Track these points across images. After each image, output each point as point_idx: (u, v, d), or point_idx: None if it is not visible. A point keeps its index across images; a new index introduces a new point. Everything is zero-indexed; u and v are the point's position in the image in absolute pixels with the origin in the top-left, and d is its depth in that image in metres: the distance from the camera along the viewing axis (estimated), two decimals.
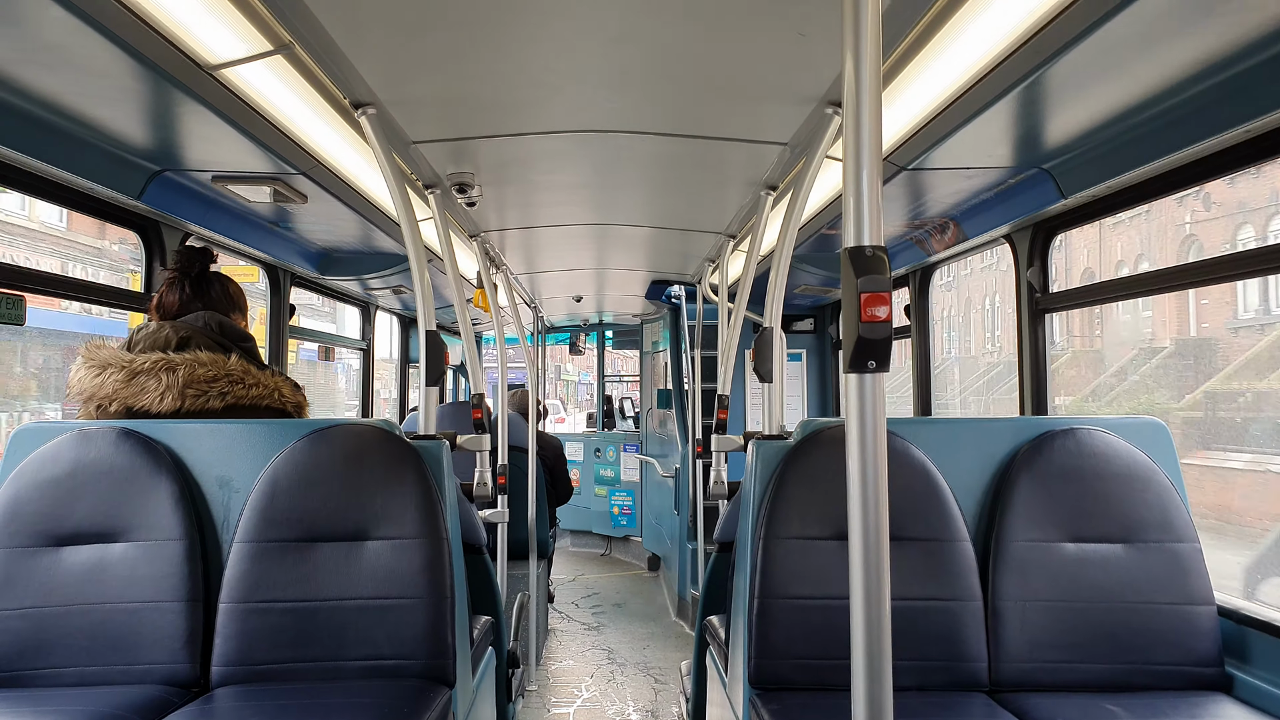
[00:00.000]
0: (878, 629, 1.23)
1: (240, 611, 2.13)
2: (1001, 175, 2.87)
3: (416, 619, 2.16)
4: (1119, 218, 17.71)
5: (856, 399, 1.23)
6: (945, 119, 2.36)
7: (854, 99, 1.24)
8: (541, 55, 2.14)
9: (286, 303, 4.16)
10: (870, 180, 1.23)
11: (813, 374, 6.67)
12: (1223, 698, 2.13)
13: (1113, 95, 2.14)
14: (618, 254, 5.17)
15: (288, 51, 1.98)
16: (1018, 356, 3.27)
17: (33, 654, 2.08)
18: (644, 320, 8.59)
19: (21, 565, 2.11)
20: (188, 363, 2.28)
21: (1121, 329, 19.43)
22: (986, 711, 2.08)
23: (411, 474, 2.24)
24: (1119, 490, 2.31)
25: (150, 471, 2.17)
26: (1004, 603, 2.26)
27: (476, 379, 3.54)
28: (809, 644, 2.23)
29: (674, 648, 5.79)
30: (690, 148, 2.92)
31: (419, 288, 2.57)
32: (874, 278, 1.20)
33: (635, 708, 4.66)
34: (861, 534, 1.23)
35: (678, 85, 2.35)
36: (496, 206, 3.74)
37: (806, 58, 2.11)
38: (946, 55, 2.04)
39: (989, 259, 21.00)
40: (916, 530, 2.29)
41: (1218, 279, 2.41)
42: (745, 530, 2.41)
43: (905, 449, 2.34)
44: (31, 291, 2.41)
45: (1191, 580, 2.25)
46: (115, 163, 2.55)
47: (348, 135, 2.58)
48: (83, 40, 1.73)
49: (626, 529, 9.03)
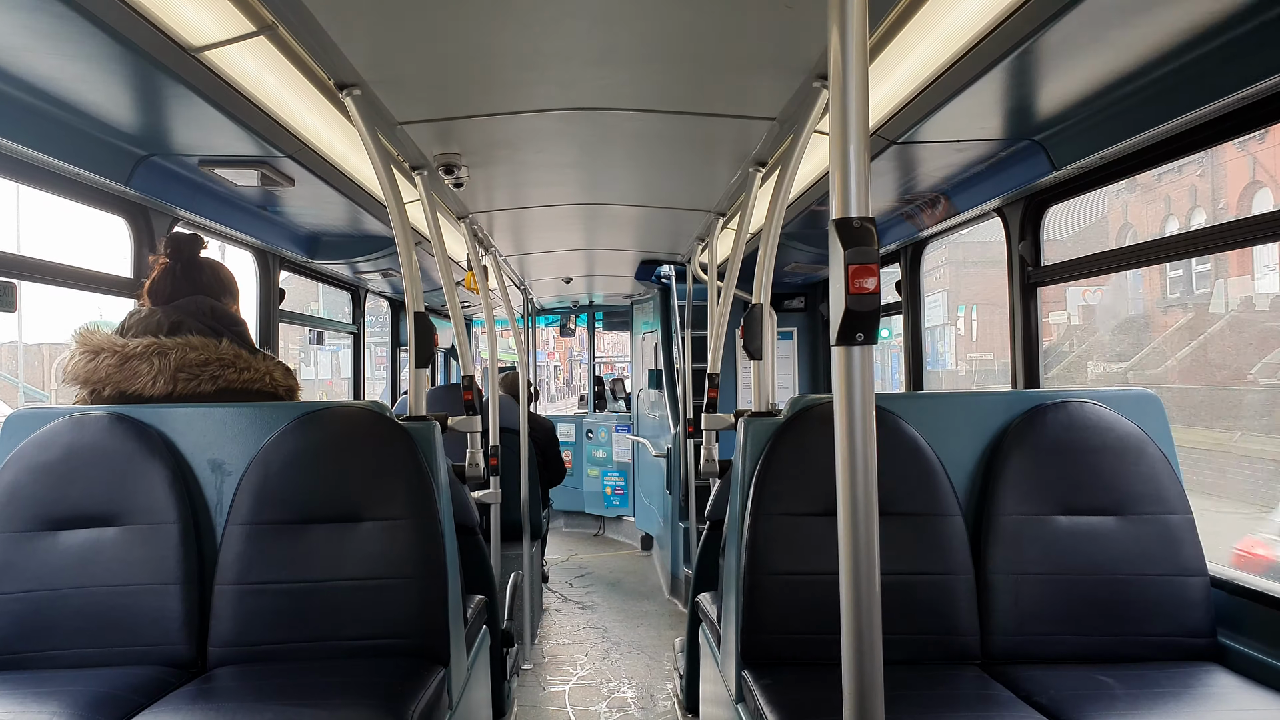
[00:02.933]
0: (868, 602, 1.23)
1: (235, 593, 2.14)
2: (992, 148, 2.86)
3: (410, 598, 2.16)
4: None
5: (844, 372, 1.23)
6: (935, 91, 2.35)
7: (840, 67, 1.23)
8: (528, 33, 2.12)
9: (276, 287, 4.14)
10: (858, 151, 1.23)
11: (804, 352, 6.67)
12: (1215, 668, 2.15)
13: (1104, 64, 2.13)
14: (607, 234, 5.15)
15: (271, 32, 1.96)
16: (1010, 330, 3.27)
17: (32, 636, 2.09)
18: (634, 301, 8.58)
19: (19, 549, 2.12)
20: (179, 347, 2.30)
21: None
22: (979, 684, 2.09)
23: (403, 455, 2.24)
24: (1111, 463, 2.32)
25: (144, 455, 2.18)
26: (996, 576, 2.28)
27: (466, 361, 3.53)
28: (800, 619, 2.24)
29: (667, 626, 5.81)
30: (678, 124, 2.90)
31: (406, 270, 2.56)
32: (862, 249, 1.19)
33: (630, 685, 4.69)
34: (850, 507, 1.23)
35: (665, 61, 2.34)
36: (484, 187, 3.72)
37: (794, 31, 2.10)
38: (936, 26, 2.02)
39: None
40: (908, 505, 2.29)
41: (1208, 249, 2.41)
42: (735, 507, 2.42)
43: (896, 424, 2.35)
44: (22, 278, 2.40)
45: (1184, 551, 2.26)
46: (102, 148, 2.52)
47: (333, 117, 2.56)
48: (65, 24, 1.71)
49: (619, 509, 9.05)
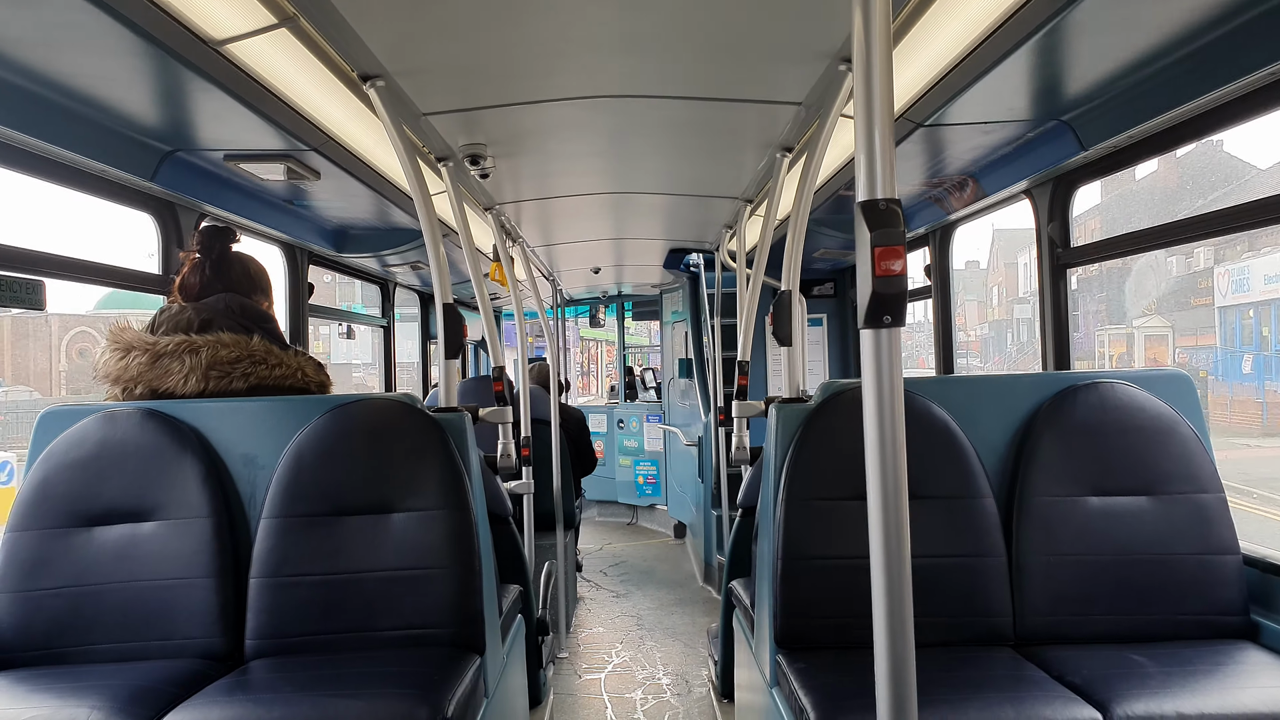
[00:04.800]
0: (898, 584, 1.23)
1: (270, 586, 2.16)
2: (1020, 129, 2.82)
3: (444, 588, 2.18)
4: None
5: (873, 354, 1.22)
6: (961, 72, 2.32)
7: (864, 49, 1.22)
8: (551, 21, 2.11)
9: (305, 282, 4.17)
10: (883, 134, 1.22)
11: (834, 338, 6.62)
12: (1248, 645, 2.13)
13: (1131, 41, 2.09)
14: (634, 223, 5.14)
15: (293, 24, 1.97)
16: (1039, 312, 3.23)
17: (70, 632, 2.12)
18: (663, 290, 8.56)
19: (55, 545, 2.15)
20: (210, 344, 2.29)
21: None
22: (1012, 664, 2.08)
23: (435, 446, 2.25)
24: (1142, 443, 2.29)
25: (176, 451, 2.20)
26: (1028, 558, 2.26)
27: (496, 352, 3.55)
28: (833, 603, 2.24)
29: (701, 612, 5.82)
30: (704, 111, 2.88)
31: (434, 262, 2.57)
32: (888, 231, 1.18)
33: (665, 671, 4.70)
34: (880, 489, 1.23)
35: (690, 46, 2.32)
36: (511, 178, 3.72)
37: (818, 13, 2.08)
38: (961, 7, 2.00)
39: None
40: (939, 488, 2.28)
41: (1238, 228, 2.36)
42: (767, 493, 2.41)
43: (927, 408, 2.33)
44: (50, 276, 2.43)
45: (1216, 530, 2.23)
46: (127, 144, 2.54)
47: (358, 109, 2.57)
48: (88, 19, 1.72)
49: (652, 498, 9.07)
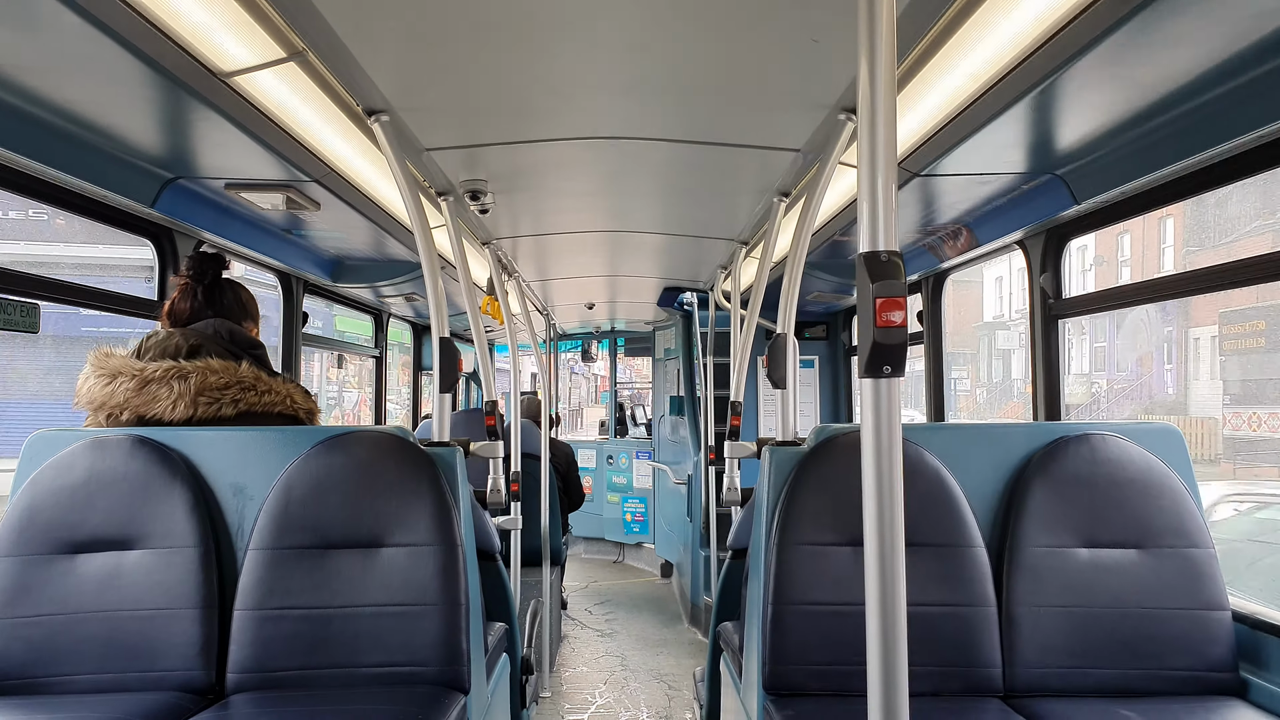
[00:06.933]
0: (893, 635, 1.22)
1: (255, 618, 2.14)
2: (1014, 181, 2.86)
3: (431, 626, 2.16)
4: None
5: (872, 404, 1.23)
6: (959, 125, 2.35)
7: (869, 105, 1.24)
8: (556, 63, 2.14)
9: (299, 310, 4.17)
10: (885, 186, 1.23)
11: (825, 380, 6.65)
12: (1237, 702, 2.12)
13: (1125, 100, 2.13)
14: (630, 261, 5.17)
15: (301, 59, 1.99)
16: (1030, 363, 3.25)
17: (49, 661, 2.08)
18: (656, 327, 8.59)
19: (37, 573, 2.12)
20: (199, 370, 2.26)
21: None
22: (1001, 717, 2.06)
23: (425, 481, 2.23)
24: (1133, 496, 2.30)
25: (165, 479, 2.18)
26: (1018, 608, 2.25)
27: (489, 386, 3.54)
28: (823, 650, 2.22)
29: (687, 654, 5.77)
30: (703, 154, 2.91)
31: (432, 295, 2.58)
32: (889, 283, 1.20)
33: (649, 714, 4.65)
34: (877, 539, 1.22)
35: (691, 92, 2.35)
36: (509, 213, 3.74)
37: (820, 64, 2.11)
38: (960, 61, 2.03)
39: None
40: (930, 536, 2.27)
41: (1230, 284, 2.39)
42: (759, 536, 2.41)
43: (919, 455, 2.33)
44: (45, 299, 2.42)
45: (1206, 585, 2.23)
46: (129, 170, 2.55)
47: (360, 142, 2.59)
48: (97, 47, 1.74)
49: (639, 536, 9.02)
